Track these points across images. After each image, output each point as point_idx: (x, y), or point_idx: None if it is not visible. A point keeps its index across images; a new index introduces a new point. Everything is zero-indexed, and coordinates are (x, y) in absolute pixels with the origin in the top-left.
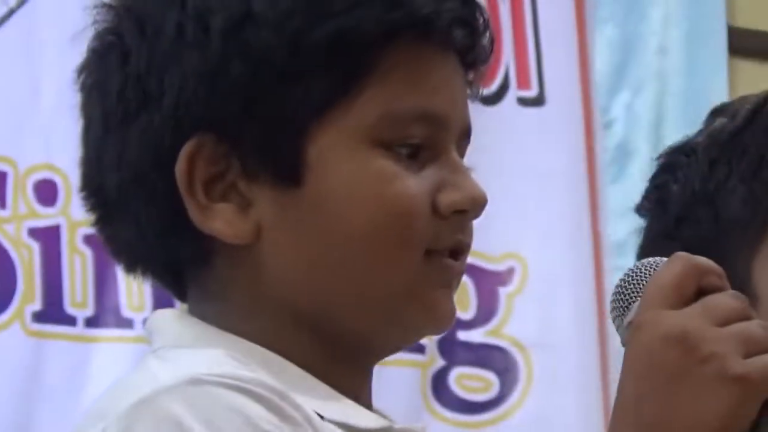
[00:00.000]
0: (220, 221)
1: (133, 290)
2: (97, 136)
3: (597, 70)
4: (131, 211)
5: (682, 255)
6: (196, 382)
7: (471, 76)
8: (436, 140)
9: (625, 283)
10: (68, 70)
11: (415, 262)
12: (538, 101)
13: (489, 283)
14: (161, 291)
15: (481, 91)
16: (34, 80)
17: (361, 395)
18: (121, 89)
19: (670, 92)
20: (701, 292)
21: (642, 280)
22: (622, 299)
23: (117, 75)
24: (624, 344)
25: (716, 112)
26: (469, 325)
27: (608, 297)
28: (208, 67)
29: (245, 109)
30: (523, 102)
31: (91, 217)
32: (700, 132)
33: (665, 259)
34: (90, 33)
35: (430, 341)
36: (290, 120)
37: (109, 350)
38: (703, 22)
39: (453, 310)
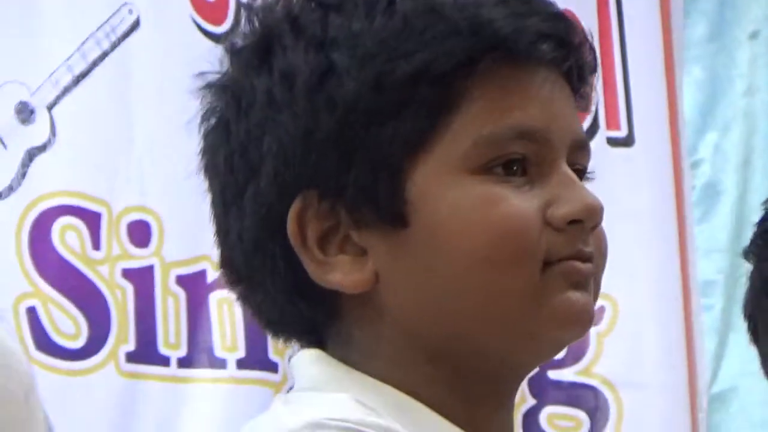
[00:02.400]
0: (339, 273)
1: (226, 331)
2: (219, 214)
3: (685, 110)
4: (259, 280)
5: None
6: (318, 426)
7: (580, 87)
8: (540, 156)
9: None
10: (161, 112)
11: (532, 276)
12: (627, 142)
13: None
14: (255, 332)
15: (589, 102)
16: (127, 123)
17: None
18: (227, 164)
19: (758, 132)
20: None
21: None
22: None
23: (223, 151)
24: None
25: None
26: (559, 364)
27: (697, 336)
28: (299, 126)
29: (340, 161)
30: (613, 143)
31: (235, 293)
32: None
33: None
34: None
35: None
36: (385, 163)
37: (202, 391)
38: None
39: (584, 310)
